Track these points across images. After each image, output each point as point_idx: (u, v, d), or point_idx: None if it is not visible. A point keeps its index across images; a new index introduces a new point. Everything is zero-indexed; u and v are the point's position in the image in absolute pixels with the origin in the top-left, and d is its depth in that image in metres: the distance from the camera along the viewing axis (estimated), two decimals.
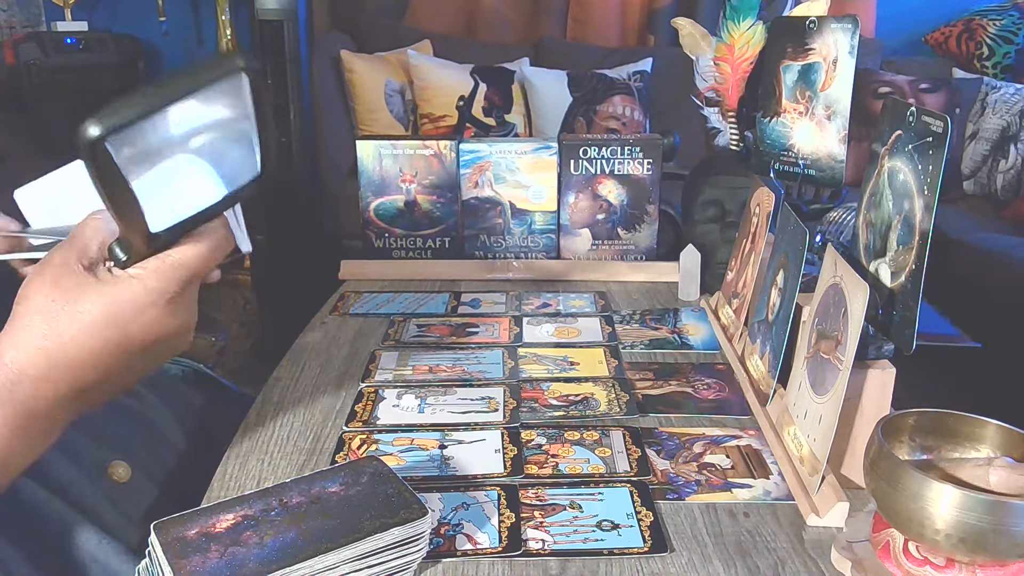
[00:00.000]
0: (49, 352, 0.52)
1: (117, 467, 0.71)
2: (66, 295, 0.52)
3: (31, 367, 0.52)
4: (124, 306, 0.53)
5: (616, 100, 3.13)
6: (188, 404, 0.88)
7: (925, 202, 0.63)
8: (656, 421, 0.83)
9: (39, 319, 0.52)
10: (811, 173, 0.95)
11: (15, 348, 0.52)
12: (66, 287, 0.52)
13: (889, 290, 0.68)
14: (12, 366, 0.51)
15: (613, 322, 1.07)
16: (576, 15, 3.48)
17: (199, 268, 0.55)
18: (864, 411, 0.70)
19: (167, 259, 0.54)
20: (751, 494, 0.71)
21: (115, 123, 0.47)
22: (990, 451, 0.62)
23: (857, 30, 0.87)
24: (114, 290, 0.53)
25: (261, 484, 0.71)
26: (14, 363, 0.51)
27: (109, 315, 0.52)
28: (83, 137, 0.47)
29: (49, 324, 0.52)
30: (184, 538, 0.55)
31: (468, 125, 2.04)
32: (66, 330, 0.52)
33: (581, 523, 0.66)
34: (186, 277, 0.54)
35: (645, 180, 1.23)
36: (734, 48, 1.06)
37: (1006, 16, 3.20)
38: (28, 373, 0.51)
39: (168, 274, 0.54)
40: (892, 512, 0.57)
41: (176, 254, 0.54)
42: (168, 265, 0.54)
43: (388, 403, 0.86)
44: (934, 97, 3.08)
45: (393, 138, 1.26)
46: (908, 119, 0.67)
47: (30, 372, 0.52)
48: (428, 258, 1.27)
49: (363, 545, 0.55)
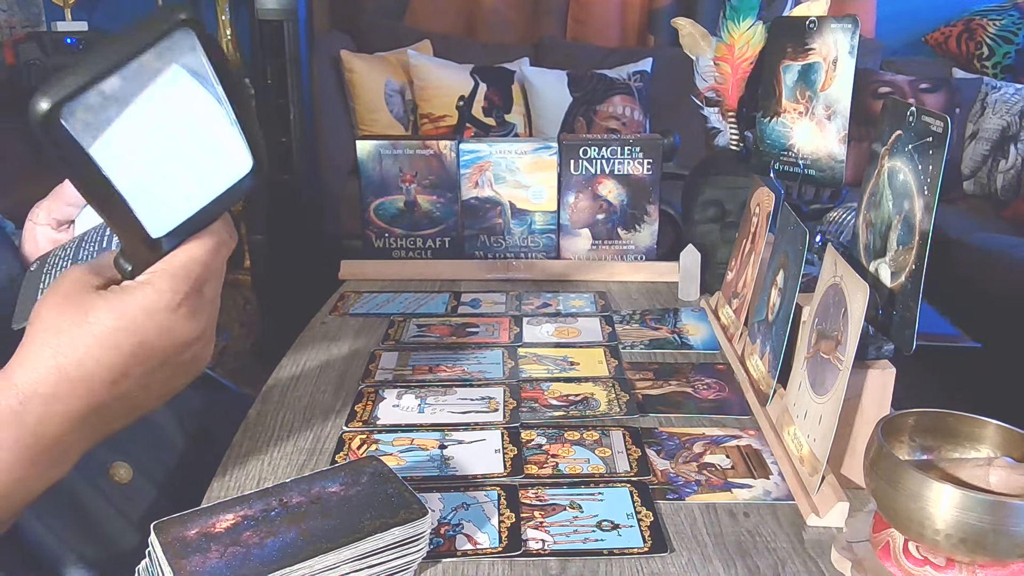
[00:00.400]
0: (60, 368, 0.50)
1: (119, 468, 0.71)
2: (77, 309, 0.51)
3: (42, 385, 0.50)
4: (136, 313, 0.51)
5: (616, 100, 3.13)
6: (188, 404, 0.88)
7: (925, 202, 0.63)
8: (656, 421, 0.83)
9: (50, 336, 0.50)
10: (811, 173, 0.95)
11: (25, 367, 0.50)
12: (77, 302, 0.51)
13: (889, 290, 0.68)
14: (21, 386, 0.50)
15: (613, 322, 1.07)
16: (576, 15, 3.48)
17: (206, 266, 0.53)
18: (864, 411, 0.70)
19: (172, 261, 0.52)
20: (751, 494, 0.71)
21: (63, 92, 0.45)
22: (990, 451, 0.62)
23: (857, 30, 0.87)
24: (124, 299, 0.51)
25: (261, 484, 0.71)
26: (24, 383, 0.50)
27: (120, 324, 0.51)
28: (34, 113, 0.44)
29: (60, 340, 0.50)
30: (184, 538, 0.55)
31: (468, 125, 2.03)
32: (79, 344, 0.50)
33: (581, 523, 0.66)
34: (195, 277, 0.53)
35: (645, 180, 1.23)
36: (734, 48, 1.06)
37: (1006, 16, 3.20)
38: (39, 392, 0.50)
39: (177, 274, 0.52)
40: (892, 512, 0.57)
41: (180, 255, 0.52)
42: (175, 266, 0.52)
43: (388, 403, 0.86)
44: (934, 97, 3.08)
45: (393, 138, 1.26)
46: (908, 119, 0.67)
47: (41, 391, 0.50)
48: (428, 258, 1.27)
49: (363, 545, 0.55)
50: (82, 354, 0.50)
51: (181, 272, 0.52)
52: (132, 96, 0.48)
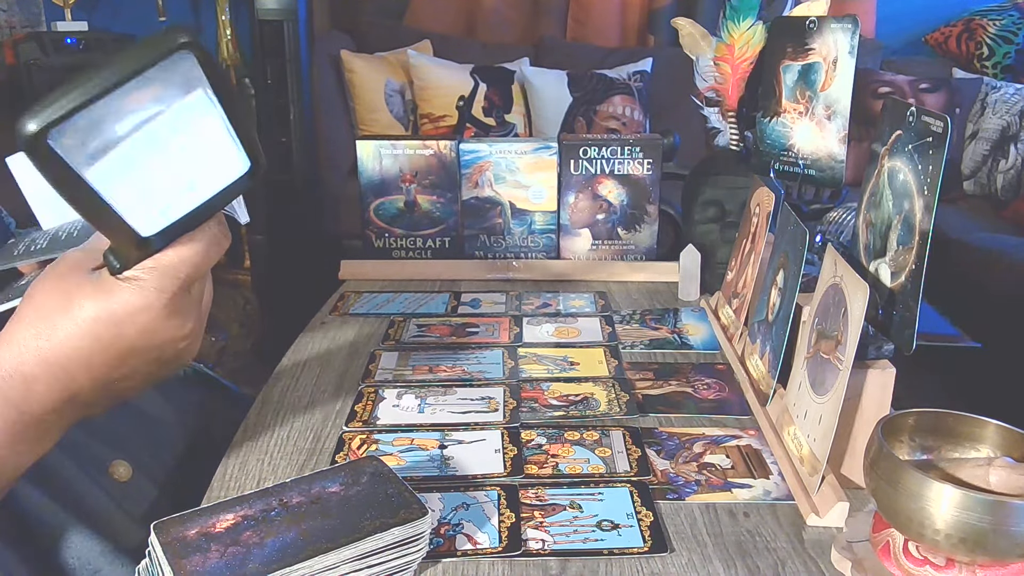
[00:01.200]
0: (40, 350, 0.51)
1: (118, 466, 0.71)
2: (65, 294, 0.52)
3: (24, 365, 0.51)
4: (118, 306, 0.51)
5: (616, 100, 3.14)
6: (188, 404, 0.88)
7: (925, 202, 0.63)
8: (656, 421, 0.83)
9: (35, 317, 0.52)
10: (811, 173, 0.95)
11: (9, 345, 0.51)
12: (66, 287, 0.52)
13: (889, 290, 0.68)
14: (5, 365, 0.51)
15: (613, 322, 1.07)
16: (576, 15, 3.48)
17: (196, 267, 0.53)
18: (864, 411, 0.70)
19: (161, 259, 0.52)
20: (751, 494, 0.71)
21: (52, 116, 0.44)
22: (990, 451, 0.62)
23: (857, 30, 0.87)
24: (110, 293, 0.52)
25: (261, 484, 0.71)
26: (6, 361, 0.51)
27: (102, 314, 0.51)
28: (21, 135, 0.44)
29: (43, 323, 0.51)
30: (184, 538, 0.55)
31: (468, 125, 2.04)
32: (59, 330, 0.51)
33: (581, 523, 0.66)
34: (183, 277, 0.53)
35: (645, 180, 1.23)
36: (734, 48, 1.06)
37: (1006, 16, 3.20)
38: (21, 371, 0.51)
39: (164, 273, 0.52)
40: (892, 512, 0.57)
41: (170, 254, 0.52)
42: (163, 265, 0.52)
43: (388, 403, 0.86)
44: (934, 97, 3.08)
45: (393, 138, 1.26)
46: (908, 119, 0.67)
47: (23, 370, 0.51)
48: (428, 258, 1.27)
49: (363, 545, 0.55)
50: (61, 340, 0.51)
51: (170, 272, 0.52)
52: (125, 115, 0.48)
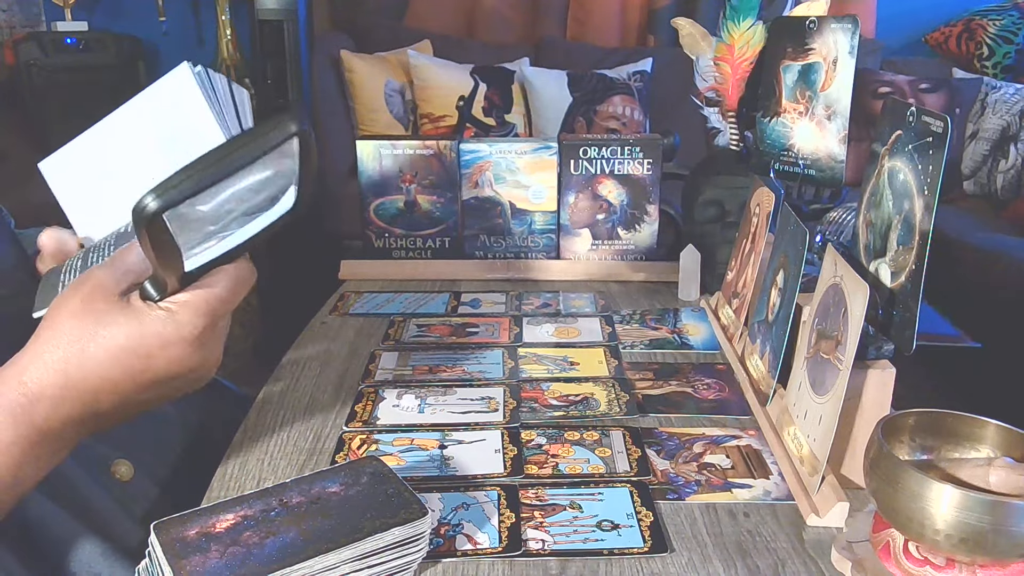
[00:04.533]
0: (69, 374, 0.52)
1: (120, 465, 0.71)
2: (95, 317, 0.52)
3: (49, 388, 0.51)
4: (150, 338, 0.52)
5: (616, 100, 3.13)
6: (188, 404, 0.88)
7: (925, 202, 0.63)
8: (656, 421, 0.83)
9: (63, 340, 0.52)
10: (811, 173, 0.95)
11: (36, 365, 0.52)
12: (96, 310, 0.52)
13: (889, 290, 0.68)
14: (31, 385, 0.51)
15: (613, 322, 1.07)
16: (576, 15, 3.48)
17: (226, 304, 0.55)
18: (864, 411, 0.70)
19: (197, 294, 0.53)
20: (751, 494, 0.71)
21: (172, 198, 0.49)
22: (990, 451, 0.62)
23: (857, 30, 0.87)
24: (143, 320, 0.52)
25: (261, 484, 0.71)
26: (34, 382, 0.51)
27: (133, 343, 0.52)
28: (141, 211, 0.48)
29: (73, 345, 0.52)
30: (184, 538, 0.55)
31: (468, 125, 2.03)
32: (88, 357, 0.52)
33: (581, 523, 0.66)
34: (214, 312, 0.54)
35: (645, 180, 1.23)
36: (734, 48, 1.06)
37: (1006, 16, 3.20)
38: (46, 394, 0.51)
39: (200, 309, 0.53)
40: (892, 512, 0.57)
41: (206, 290, 0.54)
42: (199, 300, 0.53)
43: (388, 403, 0.86)
44: (934, 97, 3.08)
45: (393, 138, 1.26)
46: (908, 119, 0.67)
47: (48, 393, 0.51)
48: (428, 258, 1.27)
49: (363, 545, 0.55)
50: (92, 368, 0.52)
51: (203, 307, 0.54)
52: (224, 190, 0.52)
